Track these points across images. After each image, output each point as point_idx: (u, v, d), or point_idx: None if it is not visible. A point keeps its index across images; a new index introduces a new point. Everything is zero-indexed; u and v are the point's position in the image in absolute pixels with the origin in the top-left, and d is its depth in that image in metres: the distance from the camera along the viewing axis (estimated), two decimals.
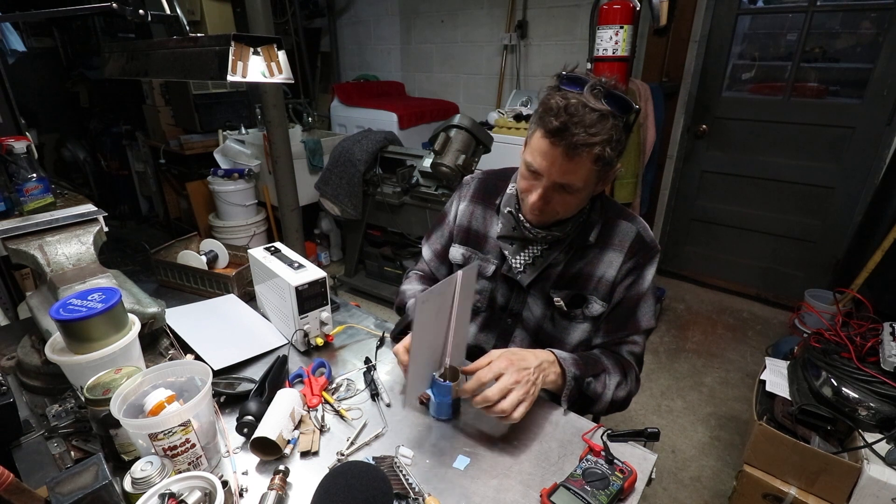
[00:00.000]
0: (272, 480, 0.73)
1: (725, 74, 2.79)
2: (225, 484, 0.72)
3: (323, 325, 1.11)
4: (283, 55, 0.99)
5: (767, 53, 2.70)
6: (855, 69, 2.47)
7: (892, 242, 1.93)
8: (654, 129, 2.52)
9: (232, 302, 1.30)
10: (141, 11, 0.98)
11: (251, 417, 0.83)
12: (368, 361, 1.05)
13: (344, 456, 0.81)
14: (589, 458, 0.79)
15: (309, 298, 1.06)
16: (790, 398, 1.52)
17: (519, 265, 1.03)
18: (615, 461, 0.77)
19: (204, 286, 1.37)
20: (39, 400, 0.93)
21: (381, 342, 1.14)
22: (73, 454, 0.80)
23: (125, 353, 0.84)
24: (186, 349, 1.06)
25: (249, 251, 1.22)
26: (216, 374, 0.98)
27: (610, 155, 0.84)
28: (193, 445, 0.71)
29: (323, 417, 0.89)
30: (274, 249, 1.19)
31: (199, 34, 1.01)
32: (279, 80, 0.98)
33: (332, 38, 4.21)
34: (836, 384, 1.41)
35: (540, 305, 1.05)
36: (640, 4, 2.09)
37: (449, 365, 0.88)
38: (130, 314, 0.89)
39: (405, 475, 0.76)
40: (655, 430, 0.84)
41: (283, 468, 0.75)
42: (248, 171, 3.05)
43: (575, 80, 0.86)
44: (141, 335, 0.90)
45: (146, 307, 0.99)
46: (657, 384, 2.33)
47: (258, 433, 0.79)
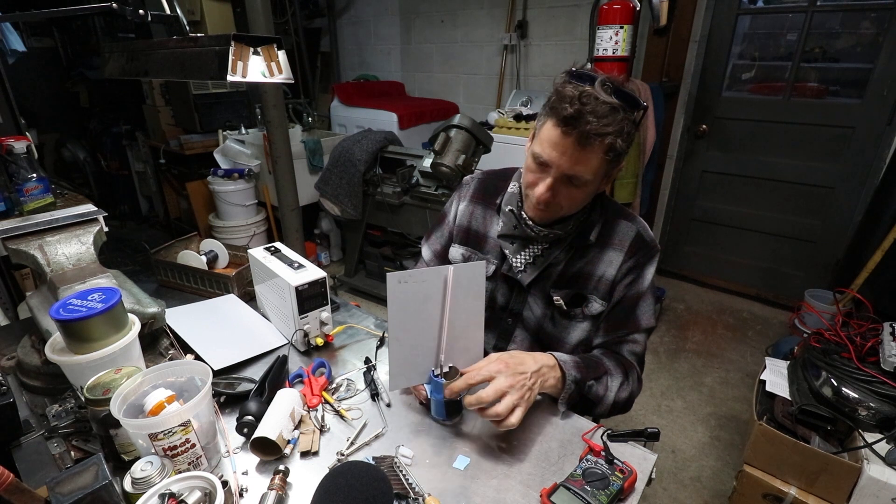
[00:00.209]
0: (272, 480, 0.73)
1: (725, 74, 2.79)
2: (225, 484, 0.72)
3: (323, 325, 1.11)
4: (283, 55, 0.99)
5: (767, 53, 2.69)
6: (855, 69, 2.47)
7: (892, 242, 1.93)
8: (654, 129, 2.52)
9: (232, 302, 1.30)
10: (141, 11, 0.98)
11: (251, 417, 0.83)
12: (368, 361, 1.05)
13: (344, 456, 0.81)
14: (589, 458, 0.79)
15: (309, 298, 1.06)
16: (790, 398, 1.52)
17: (519, 264, 1.03)
18: (615, 461, 0.77)
19: (204, 286, 1.37)
20: (39, 400, 0.93)
21: (381, 342, 1.14)
22: (73, 454, 0.80)
23: (125, 353, 0.84)
24: (186, 349, 1.06)
25: (249, 251, 1.22)
26: (216, 374, 0.98)
27: (621, 146, 0.84)
28: (193, 445, 0.71)
29: (323, 417, 0.89)
30: (274, 249, 1.19)
31: (199, 34, 1.01)
32: (279, 80, 0.98)
33: (332, 38, 4.21)
34: (836, 384, 1.41)
35: (540, 305, 1.05)
36: (640, 4, 2.09)
37: (451, 366, 0.88)
38: (130, 314, 0.89)
39: (405, 475, 0.76)
40: (655, 430, 0.84)
41: (283, 468, 0.75)
42: (248, 171, 3.05)
43: (584, 76, 0.86)
44: (141, 335, 0.90)
45: (146, 307, 0.99)
46: (657, 384, 2.33)
47: (258, 433, 0.79)
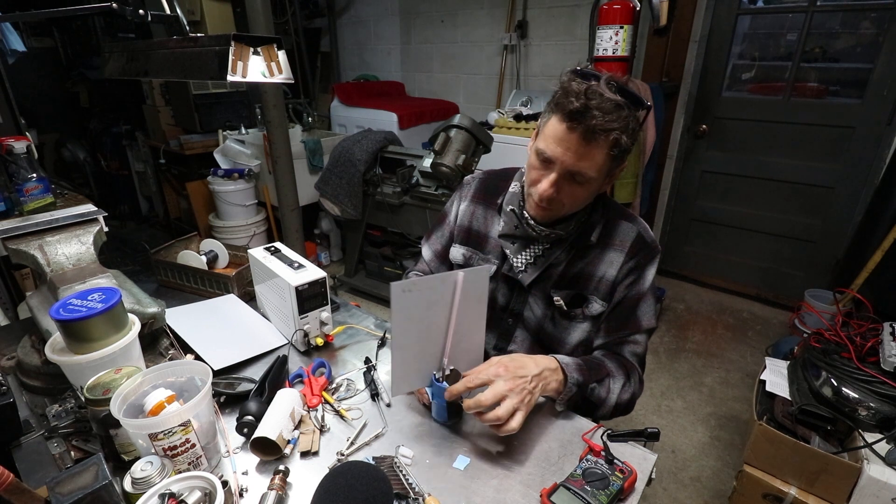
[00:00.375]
0: (272, 480, 0.73)
1: (725, 74, 2.79)
2: (225, 484, 0.72)
3: (323, 325, 1.11)
4: (283, 55, 0.99)
5: (767, 53, 2.69)
6: (855, 69, 2.47)
7: (892, 242, 1.93)
8: (654, 129, 2.52)
9: (232, 302, 1.30)
10: (141, 11, 0.98)
11: (251, 417, 0.83)
12: (368, 361, 1.05)
13: (344, 456, 0.81)
14: (589, 458, 0.79)
15: (309, 298, 1.06)
16: (790, 398, 1.52)
17: (520, 264, 1.03)
18: (615, 461, 0.77)
19: (204, 286, 1.37)
20: (39, 400, 0.93)
21: (381, 342, 1.14)
22: (73, 454, 0.80)
23: (125, 353, 0.84)
24: (186, 349, 1.06)
25: (249, 251, 1.22)
26: (216, 374, 0.98)
27: (626, 143, 0.85)
28: (193, 445, 0.71)
29: (323, 417, 0.89)
30: (274, 249, 1.19)
31: (199, 34, 1.01)
32: (279, 80, 0.98)
33: (332, 38, 4.21)
34: (836, 384, 1.41)
35: (541, 305, 1.05)
36: (640, 4, 2.09)
37: (452, 368, 0.88)
38: (130, 314, 0.89)
39: (405, 475, 0.76)
40: (655, 430, 0.84)
41: (283, 468, 0.75)
42: (248, 171, 3.05)
43: (589, 74, 0.87)
44: (141, 335, 0.90)
45: (146, 307, 0.99)
46: (657, 384, 2.33)
47: (258, 433, 0.79)
